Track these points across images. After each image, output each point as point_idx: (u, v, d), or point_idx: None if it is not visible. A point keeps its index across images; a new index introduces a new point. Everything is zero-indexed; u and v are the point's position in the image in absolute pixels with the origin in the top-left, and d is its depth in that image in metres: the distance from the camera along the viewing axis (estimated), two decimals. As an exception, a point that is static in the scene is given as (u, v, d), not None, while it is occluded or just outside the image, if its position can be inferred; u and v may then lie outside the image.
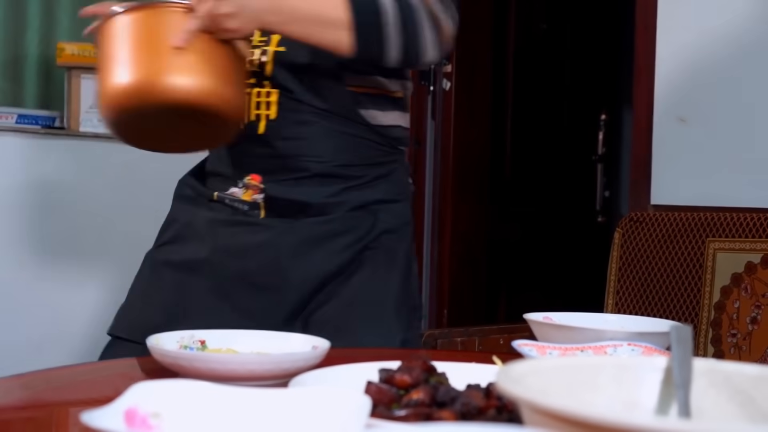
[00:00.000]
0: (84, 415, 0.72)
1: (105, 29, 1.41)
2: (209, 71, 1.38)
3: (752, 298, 2.08)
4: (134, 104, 1.36)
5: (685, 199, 2.63)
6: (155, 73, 1.36)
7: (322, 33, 1.44)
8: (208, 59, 1.38)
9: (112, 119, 1.40)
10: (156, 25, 1.39)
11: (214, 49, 1.39)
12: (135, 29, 1.39)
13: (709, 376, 0.77)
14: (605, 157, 4.62)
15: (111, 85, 1.38)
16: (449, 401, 0.85)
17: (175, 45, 1.35)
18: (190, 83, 1.36)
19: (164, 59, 1.37)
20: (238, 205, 1.57)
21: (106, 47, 1.40)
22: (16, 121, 2.96)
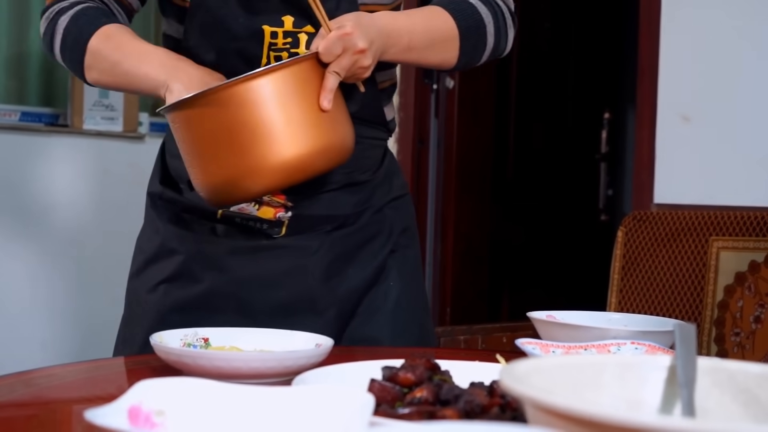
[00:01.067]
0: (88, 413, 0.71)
1: (227, 97, 1.20)
2: (347, 121, 1.29)
3: (756, 296, 2.08)
4: (289, 179, 1.24)
5: (688, 197, 2.63)
6: (314, 143, 1.23)
7: (434, 56, 1.41)
8: (342, 107, 1.29)
9: (248, 197, 1.27)
10: (298, 88, 1.23)
11: (338, 93, 1.27)
12: (273, 94, 1.21)
13: (713, 375, 0.76)
14: (608, 156, 4.62)
15: (257, 163, 1.20)
16: (453, 399, 0.85)
17: (325, 108, 1.24)
18: (342, 142, 1.27)
19: (317, 126, 1.23)
20: (253, 224, 1.41)
21: (231, 119, 1.20)
22: (19, 119, 2.97)
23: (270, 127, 1.21)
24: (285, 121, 1.22)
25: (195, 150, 1.23)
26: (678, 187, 2.68)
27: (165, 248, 1.45)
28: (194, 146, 1.23)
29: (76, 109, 3.00)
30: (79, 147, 3.00)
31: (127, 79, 1.37)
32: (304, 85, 1.24)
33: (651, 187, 2.73)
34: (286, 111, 1.22)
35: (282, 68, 1.22)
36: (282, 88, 1.22)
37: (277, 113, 1.21)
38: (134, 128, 3.14)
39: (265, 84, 1.20)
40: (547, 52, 4.49)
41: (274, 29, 1.37)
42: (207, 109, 1.20)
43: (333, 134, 1.25)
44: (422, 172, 3.81)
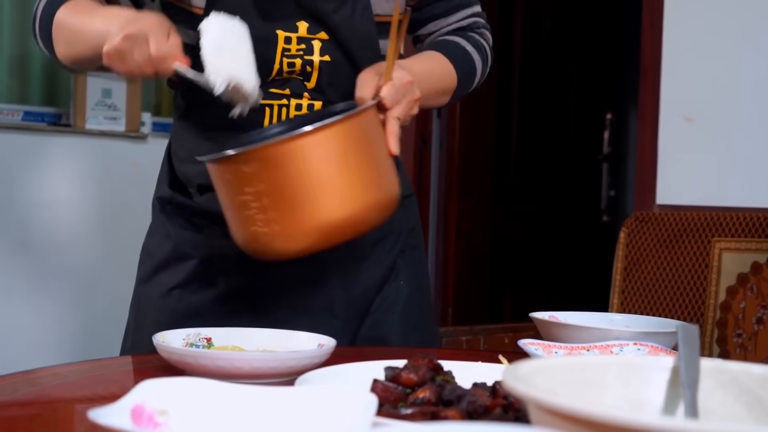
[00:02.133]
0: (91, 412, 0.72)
1: (294, 151, 1.15)
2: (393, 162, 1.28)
3: (758, 298, 2.08)
4: (365, 227, 1.21)
5: (690, 198, 2.63)
6: (385, 189, 1.21)
7: (434, 101, 1.47)
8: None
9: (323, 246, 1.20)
10: (365, 135, 1.20)
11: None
12: (342, 145, 1.17)
13: (716, 376, 0.76)
14: (611, 157, 4.62)
15: (338, 212, 1.16)
16: (455, 400, 0.85)
17: (396, 153, 1.24)
18: (398, 188, 1.25)
19: (385, 172, 1.22)
20: None
21: (310, 167, 1.15)
22: (22, 118, 2.97)
23: (337, 178, 1.17)
24: (358, 168, 1.19)
25: (274, 195, 1.15)
26: (680, 188, 2.68)
27: (177, 253, 1.43)
28: (274, 191, 1.15)
29: (78, 108, 3.00)
30: (82, 147, 3.00)
31: (81, 38, 1.32)
32: (370, 133, 1.22)
33: (653, 187, 2.73)
34: (358, 159, 1.19)
35: (351, 118, 1.18)
36: (352, 137, 1.18)
37: (344, 165, 1.17)
38: (137, 128, 3.14)
39: (330, 136, 1.16)
40: (550, 53, 4.49)
41: (288, 34, 1.37)
42: (284, 157, 1.14)
43: (394, 181, 1.24)
44: (424, 172, 3.81)
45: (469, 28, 1.57)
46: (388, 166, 1.24)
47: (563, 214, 4.54)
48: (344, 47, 1.39)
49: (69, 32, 1.35)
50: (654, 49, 2.74)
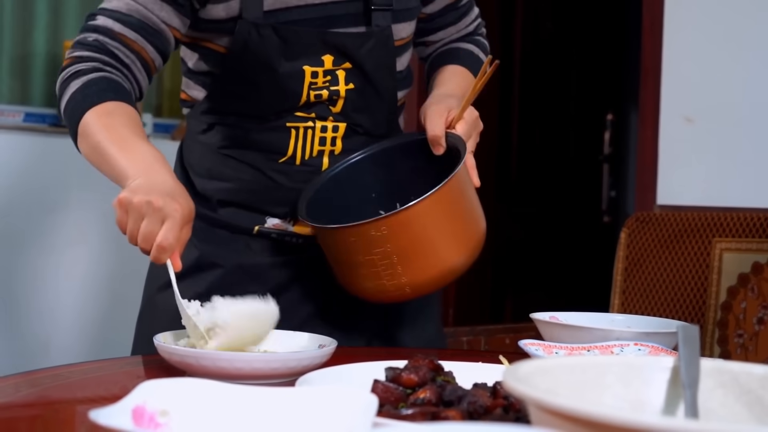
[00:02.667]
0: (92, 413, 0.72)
1: (415, 215, 1.26)
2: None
3: (759, 298, 2.08)
4: (473, 260, 1.35)
5: (691, 199, 2.62)
6: (483, 224, 1.38)
7: None
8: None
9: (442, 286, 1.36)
10: (462, 186, 1.33)
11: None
12: (453, 198, 1.31)
13: (716, 376, 0.77)
14: (611, 157, 4.62)
15: (459, 257, 1.31)
16: (456, 400, 0.85)
17: (478, 185, 1.38)
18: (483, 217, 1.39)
19: (479, 207, 1.38)
20: (289, 239, 1.45)
21: (431, 224, 1.28)
22: (23, 119, 2.97)
23: (457, 226, 1.31)
24: (464, 215, 1.33)
25: (401, 253, 1.26)
26: (681, 189, 2.68)
27: (204, 261, 1.44)
28: (400, 250, 1.26)
29: (79, 109, 3.00)
30: (83, 148, 3.00)
31: (103, 160, 1.29)
32: (463, 180, 1.33)
33: (654, 188, 2.73)
34: (462, 209, 1.32)
35: (452, 179, 1.27)
36: (454, 193, 1.30)
37: (455, 216, 1.31)
38: (138, 129, 3.14)
39: (442, 196, 1.27)
40: (550, 54, 4.49)
41: (315, 69, 1.40)
42: (408, 220, 1.25)
43: (483, 219, 1.38)
44: (425, 173, 3.81)
45: (474, 33, 1.64)
46: (477, 200, 1.37)
47: (564, 214, 4.54)
48: (367, 75, 1.43)
49: (94, 143, 1.31)
50: (654, 50, 2.74)
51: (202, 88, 1.47)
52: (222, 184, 1.46)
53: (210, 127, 1.47)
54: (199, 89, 1.47)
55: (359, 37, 1.40)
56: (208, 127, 1.47)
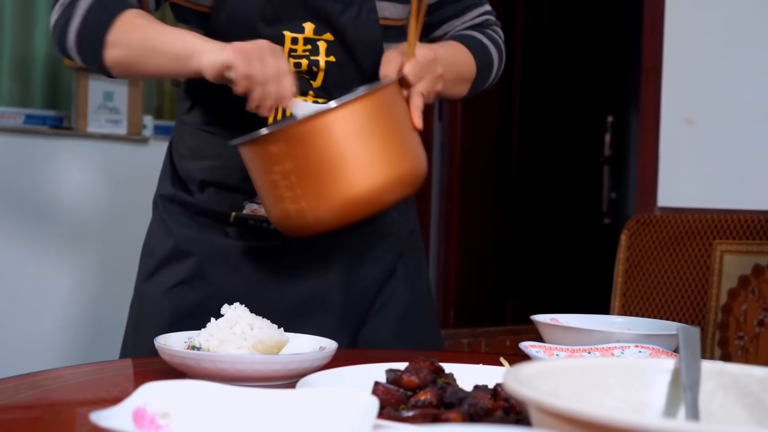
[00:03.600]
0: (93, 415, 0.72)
1: (327, 123, 1.18)
2: (419, 138, 1.30)
3: (759, 300, 2.08)
4: (392, 198, 1.23)
5: (692, 200, 2.62)
6: (411, 161, 1.24)
7: (456, 88, 1.48)
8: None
9: (351, 220, 1.23)
10: (390, 109, 1.24)
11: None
12: (372, 118, 1.21)
13: (717, 379, 0.77)
14: (612, 159, 4.62)
15: (366, 184, 1.19)
16: (457, 402, 0.85)
17: (420, 128, 1.27)
18: (423, 163, 1.27)
19: (410, 146, 1.25)
20: (267, 225, 1.40)
21: (336, 142, 1.18)
22: (23, 122, 2.97)
23: (369, 150, 1.20)
24: (384, 141, 1.21)
25: (301, 172, 1.18)
26: (682, 191, 2.68)
27: (179, 250, 1.44)
28: (300, 168, 1.18)
29: (80, 111, 3.00)
30: (84, 150, 3.00)
31: (159, 46, 1.30)
32: (394, 107, 1.25)
33: (654, 190, 2.73)
34: (384, 133, 1.22)
35: (376, 93, 1.21)
36: (377, 112, 1.21)
37: (374, 136, 1.20)
38: (138, 131, 3.14)
39: (361, 109, 1.20)
40: (551, 56, 4.49)
41: (295, 35, 1.38)
42: (309, 135, 1.18)
43: (420, 154, 1.27)
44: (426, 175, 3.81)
45: (482, 26, 1.59)
46: (413, 140, 1.26)
47: (564, 216, 4.54)
48: (349, 48, 1.40)
49: (140, 38, 1.32)
50: (655, 52, 2.75)
51: None
52: (204, 163, 1.45)
53: (193, 105, 1.47)
54: None
55: (341, 2, 1.38)
56: (191, 105, 1.47)
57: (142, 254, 1.50)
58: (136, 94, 3.14)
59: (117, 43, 1.33)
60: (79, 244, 2.94)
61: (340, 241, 1.44)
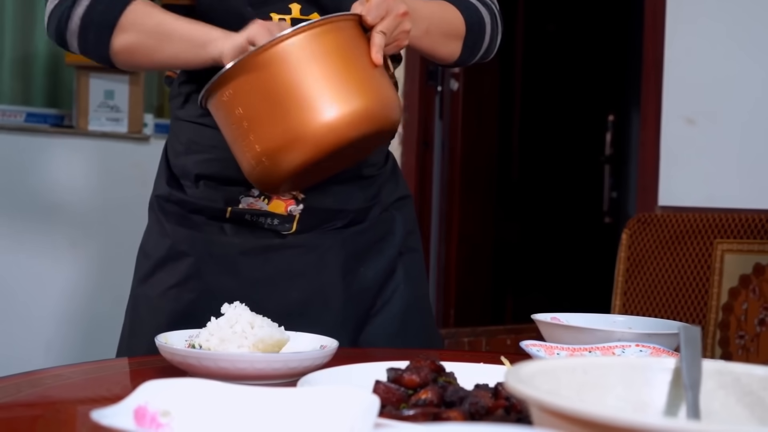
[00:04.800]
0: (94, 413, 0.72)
1: (273, 56, 1.13)
2: (392, 88, 1.24)
3: (760, 299, 2.08)
4: (349, 136, 1.15)
5: (692, 200, 2.62)
6: (369, 97, 1.17)
7: (445, 45, 1.44)
8: (386, 75, 1.23)
9: (309, 160, 1.16)
10: (345, 44, 1.18)
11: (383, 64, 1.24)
12: (323, 50, 1.15)
13: (718, 378, 0.77)
14: (613, 158, 4.62)
15: (317, 120, 1.13)
16: (458, 401, 0.85)
17: (377, 62, 1.20)
18: (389, 104, 1.20)
19: (368, 83, 1.18)
20: (263, 219, 1.39)
21: (283, 77, 1.13)
22: (24, 120, 2.97)
23: (320, 83, 1.14)
24: (337, 75, 1.15)
25: (251, 116, 1.14)
26: (682, 190, 2.68)
27: (174, 251, 1.41)
28: (250, 112, 1.14)
29: (81, 110, 3.00)
30: (84, 148, 3.00)
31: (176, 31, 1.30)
32: (350, 42, 1.19)
33: (655, 189, 2.73)
34: (337, 66, 1.15)
35: (326, 23, 1.16)
36: (328, 44, 1.16)
37: (326, 69, 1.14)
38: (139, 129, 3.14)
39: (309, 39, 1.14)
40: (552, 55, 4.49)
41: (282, 16, 1.37)
42: (253, 74, 1.13)
43: (383, 94, 1.20)
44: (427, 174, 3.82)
45: None
46: (374, 78, 1.20)
47: (565, 215, 4.54)
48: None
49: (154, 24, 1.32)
50: (656, 51, 2.74)
51: None
52: (199, 156, 1.43)
53: (187, 98, 1.46)
54: None
55: None
56: (185, 100, 1.46)
57: (138, 257, 1.49)
58: (137, 92, 3.14)
59: (130, 27, 1.32)
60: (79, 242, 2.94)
61: (338, 239, 1.43)
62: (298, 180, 1.23)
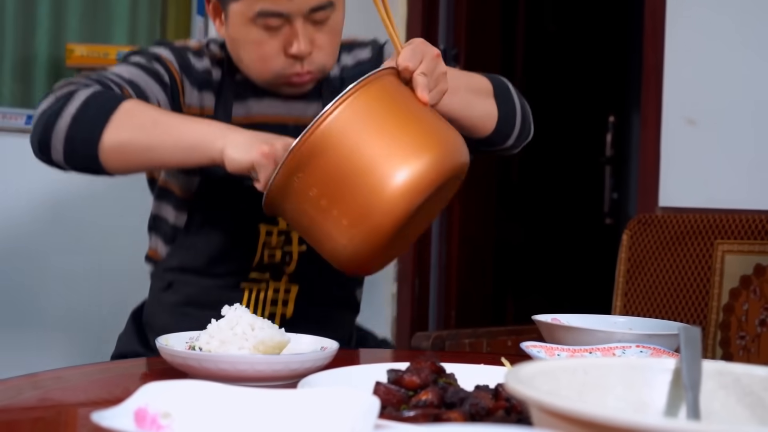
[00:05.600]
0: (94, 415, 0.72)
1: (332, 128, 1.10)
2: (451, 127, 1.22)
3: (761, 300, 2.08)
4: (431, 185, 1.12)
5: (693, 200, 2.62)
6: (437, 142, 1.14)
7: (478, 101, 1.42)
8: (440, 116, 1.22)
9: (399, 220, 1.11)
10: (392, 96, 1.16)
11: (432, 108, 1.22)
12: (376, 108, 1.13)
13: (718, 378, 0.77)
14: (613, 159, 4.61)
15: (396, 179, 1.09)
16: (458, 402, 0.85)
17: (427, 101, 1.19)
18: (458, 140, 1.19)
19: (429, 126, 1.16)
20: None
21: (349, 145, 1.10)
22: (25, 122, 2.97)
23: (387, 143, 1.11)
24: (399, 129, 1.13)
25: (329, 192, 1.10)
26: (683, 191, 2.68)
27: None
28: (326, 189, 1.09)
29: (81, 112, 3.01)
30: (85, 150, 3.00)
31: (169, 133, 1.27)
32: (398, 94, 1.17)
33: (656, 190, 2.73)
34: (396, 120, 1.13)
35: (368, 81, 1.13)
36: (379, 100, 1.13)
37: (386, 126, 1.12)
38: (140, 131, 3.15)
39: (358, 100, 1.11)
40: (552, 56, 4.49)
41: (270, 228, 1.43)
42: (318, 152, 1.09)
43: (447, 137, 1.17)
44: (427, 175, 3.81)
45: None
46: (434, 122, 1.18)
47: (566, 216, 4.54)
48: None
49: (150, 120, 1.29)
50: (656, 52, 2.74)
51: (164, 243, 1.51)
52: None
53: (170, 285, 1.49)
54: (162, 244, 1.51)
55: None
56: (168, 285, 1.49)
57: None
58: (138, 94, 3.15)
59: (120, 125, 1.29)
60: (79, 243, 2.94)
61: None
62: (389, 250, 1.18)
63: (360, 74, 1.23)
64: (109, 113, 1.28)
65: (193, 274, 1.45)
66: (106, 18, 3.02)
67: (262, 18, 1.36)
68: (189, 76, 1.45)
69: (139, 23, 3.04)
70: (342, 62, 1.54)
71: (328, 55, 1.41)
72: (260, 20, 1.36)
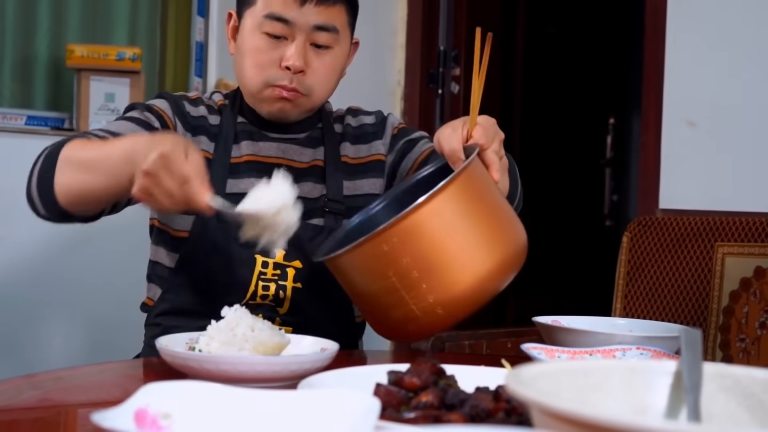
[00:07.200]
0: (94, 415, 0.72)
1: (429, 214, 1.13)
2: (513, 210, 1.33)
3: (761, 302, 2.08)
4: (510, 274, 1.24)
5: (693, 203, 2.62)
6: (515, 234, 1.27)
7: (504, 178, 1.44)
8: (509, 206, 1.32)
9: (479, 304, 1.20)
10: (479, 179, 1.22)
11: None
12: (468, 195, 1.17)
13: (718, 381, 0.76)
14: (613, 161, 4.61)
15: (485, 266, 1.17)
16: (458, 404, 0.85)
17: (497, 180, 1.29)
18: (523, 231, 1.32)
19: (509, 215, 1.27)
20: None
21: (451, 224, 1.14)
22: (25, 123, 2.97)
23: (482, 226, 1.18)
24: (489, 215, 1.21)
25: (422, 266, 1.12)
26: (683, 193, 2.68)
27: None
28: (420, 263, 1.12)
29: (81, 113, 3.00)
30: (85, 151, 3.00)
31: (101, 160, 1.28)
32: (482, 176, 1.23)
33: (656, 192, 2.73)
34: (487, 206, 1.21)
35: (465, 169, 1.17)
36: (474, 183, 1.20)
37: (481, 209, 1.20)
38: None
39: (456, 189, 1.16)
40: (552, 57, 4.49)
41: (266, 259, 1.44)
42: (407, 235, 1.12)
43: (520, 229, 1.30)
44: (427, 176, 3.81)
45: None
46: (508, 205, 1.28)
47: (566, 218, 4.53)
48: (316, 276, 1.44)
49: (86, 157, 1.32)
50: (657, 54, 2.74)
51: (158, 286, 1.52)
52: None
53: (164, 331, 1.48)
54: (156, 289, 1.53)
55: (311, 230, 1.45)
56: (161, 332, 1.48)
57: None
58: (138, 95, 3.14)
59: (63, 170, 1.34)
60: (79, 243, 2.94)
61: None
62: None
63: (364, 135, 1.48)
64: (54, 162, 1.35)
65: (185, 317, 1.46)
66: (106, 18, 3.02)
67: (269, 21, 1.44)
68: (183, 121, 1.52)
69: (139, 23, 3.04)
70: (346, 121, 1.62)
71: (319, 82, 1.48)
72: (266, 25, 1.44)
